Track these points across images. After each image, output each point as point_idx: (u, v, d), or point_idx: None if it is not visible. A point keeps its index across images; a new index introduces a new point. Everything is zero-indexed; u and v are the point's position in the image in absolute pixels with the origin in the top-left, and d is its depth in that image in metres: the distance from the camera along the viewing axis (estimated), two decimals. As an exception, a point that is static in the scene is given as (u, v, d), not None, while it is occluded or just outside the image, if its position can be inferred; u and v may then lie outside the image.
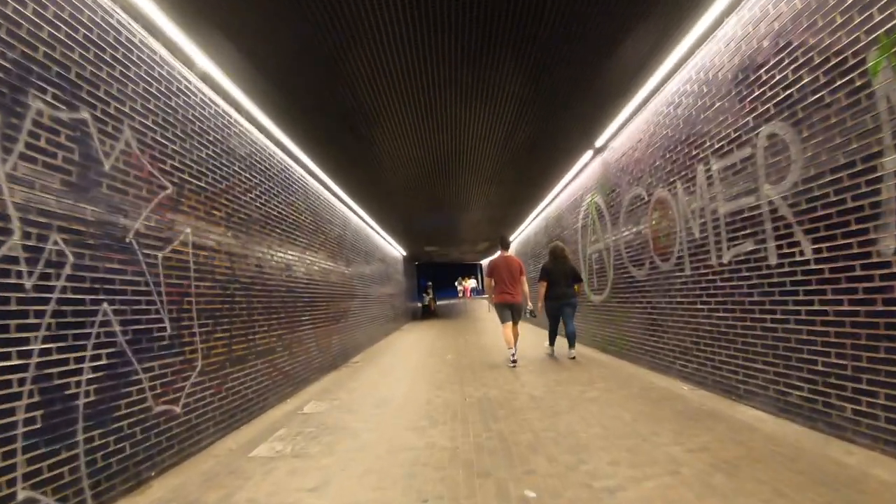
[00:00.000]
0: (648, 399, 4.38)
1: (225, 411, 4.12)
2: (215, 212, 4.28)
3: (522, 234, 15.76)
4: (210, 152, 4.26)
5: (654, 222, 5.53)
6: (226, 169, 4.56)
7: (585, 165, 7.86)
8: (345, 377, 6.75)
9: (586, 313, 8.28)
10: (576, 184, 8.57)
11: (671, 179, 5.08)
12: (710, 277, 4.42)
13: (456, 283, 42.38)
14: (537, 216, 12.64)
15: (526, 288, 7.24)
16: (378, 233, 13.86)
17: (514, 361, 6.68)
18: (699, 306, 4.64)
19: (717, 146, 4.23)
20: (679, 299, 5.02)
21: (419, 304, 21.99)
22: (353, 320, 9.26)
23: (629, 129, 6.10)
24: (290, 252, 6.11)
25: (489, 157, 7.65)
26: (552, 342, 7.74)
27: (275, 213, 5.72)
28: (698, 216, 4.59)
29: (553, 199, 10.42)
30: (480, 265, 40.91)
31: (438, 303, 38.73)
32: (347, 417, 4.44)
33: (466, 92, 5.29)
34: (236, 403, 4.34)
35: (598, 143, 6.96)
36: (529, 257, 14.46)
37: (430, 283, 22.72)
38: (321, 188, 7.80)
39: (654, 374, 5.53)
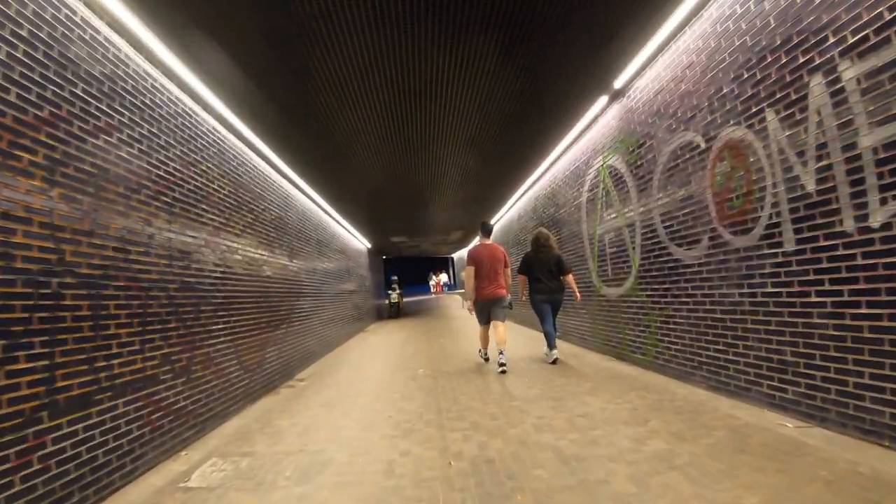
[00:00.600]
0: (760, 455, 2.70)
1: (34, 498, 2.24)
2: (21, 154, 2.41)
3: (503, 219, 14.07)
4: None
5: (717, 179, 3.88)
6: (52, 87, 2.68)
7: (595, 119, 6.17)
8: (277, 408, 4.89)
9: (594, 311, 6.62)
10: (580, 145, 6.88)
11: (754, 109, 3.45)
12: (842, 253, 2.78)
13: (429, 279, 40.94)
14: (522, 195, 10.96)
15: (510, 281, 6.37)
16: (337, 220, 11.95)
17: (500, 359, 5.71)
18: (815, 299, 3.00)
19: (853, 39, 2.63)
20: (770, 289, 3.38)
21: (386, 302, 19.25)
22: (300, 325, 7.38)
23: (669, 55, 4.44)
24: (188, 233, 4.21)
25: (467, 115, 5.99)
26: (552, 344, 6.15)
27: (159, 172, 3.82)
28: (814, 158, 2.95)
29: (545, 172, 8.73)
30: (452, 258, 39.41)
31: (409, 299, 36.97)
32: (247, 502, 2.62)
33: (438, 22, 3.53)
34: (60, 480, 2.47)
35: (618, 83, 5.29)
36: (511, 246, 12.79)
37: (395, 278, 19.97)
38: (249, 153, 5.90)
39: (722, 397, 3.89)
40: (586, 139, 6.58)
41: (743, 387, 3.74)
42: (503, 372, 5.54)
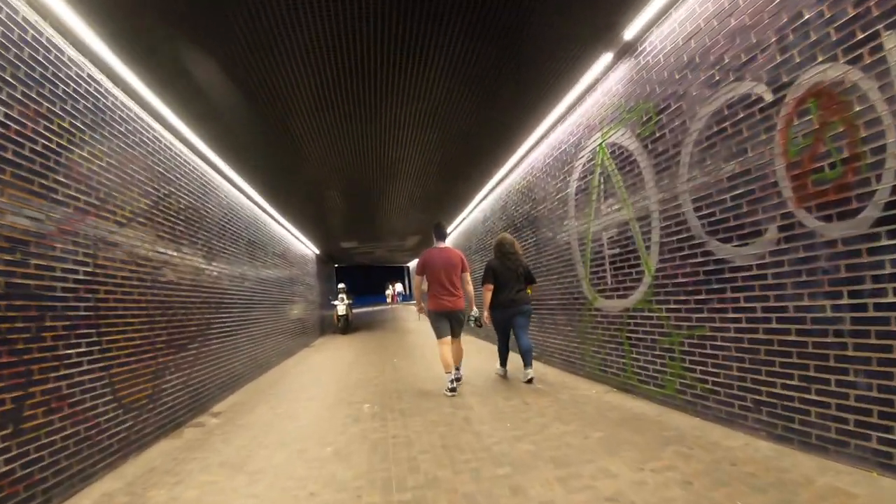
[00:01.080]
0: None
1: None
2: None
3: (466, 221, 12.81)
4: None
5: (795, 142, 2.74)
6: None
7: (592, 86, 5.01)
8: (165, 465, 3.39)
9: (585, 329, 5.41)
10: (568, 124, 5.70)
11: (860, 36, 2.40)
12: None
13: (386, 291, 40.22)
14: (489, 193, 9.73)
15: (470, 288, 5.67)
16: (277, 220, 10.36)
17: (453, 389, 5.06)
18: None
19: None
20: (893, 298, 2.23)
21: (338, 315, 15.97)
22: (220, 343, 5.82)
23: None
24: (25, 212, 2.73)
25: (426, 91, 4.80)
26: (504, 362, 5.99)
27: None
28: None
29: (520, 161, 7.52)
30: (408, 268, 38.12)
31: (360, 310, 35.30)
32: None
33: None
34: None
35: (629, 33, 4.12)
36: (474, 252, 11.56)
37: (342, 286, 16.91)
38: (147, 118, 4.37)
39: (797, 452, 2.73)
40: (578, 114, 5.39)
41: (834, 439, 2.58)
42: (452, 392, 4.98)
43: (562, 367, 6.13)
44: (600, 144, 4.91)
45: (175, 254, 4.87)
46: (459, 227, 13.71)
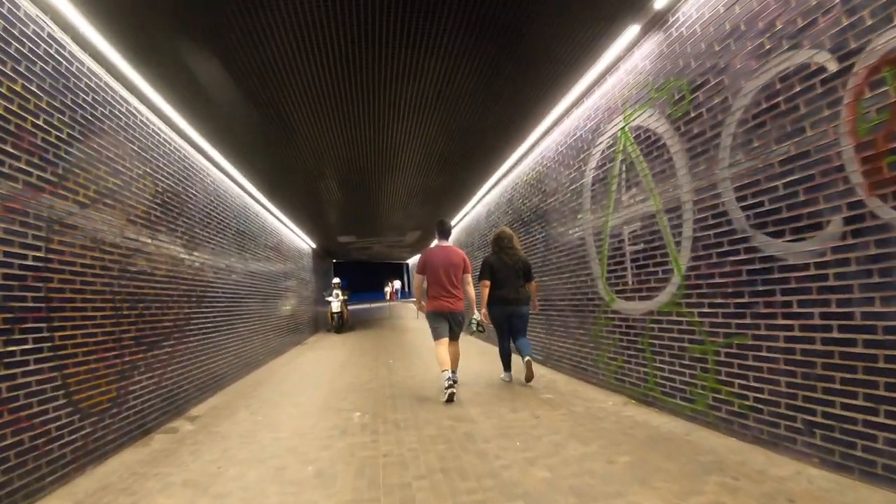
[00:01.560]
0: None
1: None
2: None
3: (468, 217, 12.40)
4: None
5: (867, 118, 2.34)
6: None
7: (614, 65, 4.59)
8: (123, 482, 2.99)
9: (600, 333, 5.01)
10: (585, 108, 5.30)
11: None
12: None
13: (385, 288, 40.15)
14: (494, 185, 9.32)
15: (471, 290, 5.42)
16: (271, 211, 9.96)
17: (451, 389, 4.72)
18: None
19: None
20: None
21: (332, 312, 14.95)
22: (200, 340, 5.41)
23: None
24: None
25: (427, 73, 4.37)
26: (507, 366, 5.70)
27: None
28: None
29: (529, 151, 7.12)
30: (407, 265, 37.76)
31: (358, 307, 34.95)
32: None
33: None
34: None
35: (659, 2, 3.73)
36: (476, 249, 11.17)
37: (337, 281, 15.69)
38: (120, 90, 3.97)
39: (859, 484, 2.33)
40: (597, 96, 4.98)
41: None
42: (450, 398, 4.69)
43: (572, 374, 5.73)
44: (622, 129, 4.50)
45: (149, 241, 4.46)
46: (461, 223, 13.31)
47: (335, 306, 14.94)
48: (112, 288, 3.78)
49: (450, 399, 4.68)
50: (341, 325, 14.97)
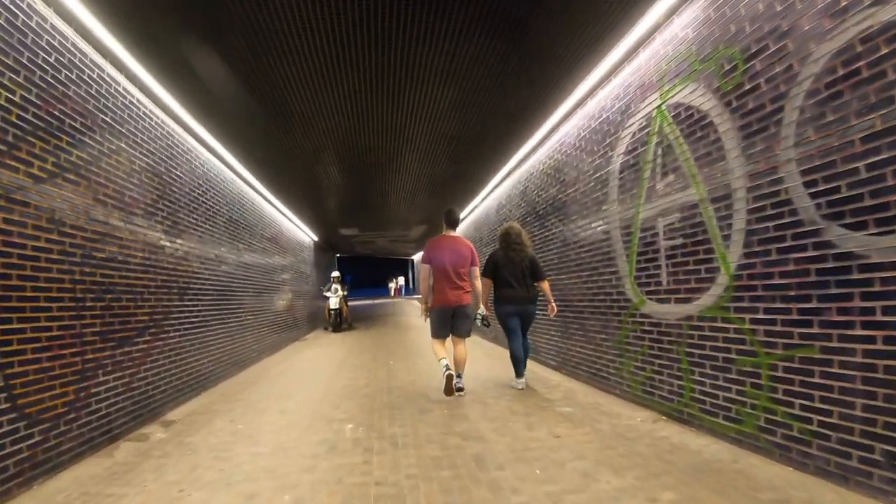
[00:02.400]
0: None
1: None
2: None
3: (478, 210, 11.96)
4: None
5: None
6: None
7: (651, 34, 4.14)
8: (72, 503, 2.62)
9: (625, 338, 4.57)
10: (613, 86, 4.86)
11: None
12: None
13: (390, 283, 39.90)
14: (506, 177, 8.88)
15: (479, 284, 5.31)
16: (268, 200, 9.58)
17: (451, 377, 4.81)
18: None
19: None
20: None
21: (330, 309, 13.77)
22: (182, 336, 5.04)
23: None
24: None
25: (437, 31, 3.89)
26: (520, 370, 5.33)
27: None
28: None
29: (546, 138, 6.69)
30: (413, 260, 37.40)
31: (361, 302, 34.65)
32: None
33: None
34: None
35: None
36: (485, 245, 10.76)
37: (337, 274, 14.21)
38: (78, 41, 3.57)
39: None
40: (627, 73, 4.54)
41: None
42: (459, 391, 4.88)
43: (590, 383, 5.31)
44: (658, 107, 4.06)
45: (122, 224, 4.08)
46: (471, 217, 12.88)
47: (333, 302, 13.81)
48: (73, 276, 3.40)
49: (451, 391, 4.76)
50: (339, 323, 13.94)
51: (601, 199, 5.06)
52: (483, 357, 7.55)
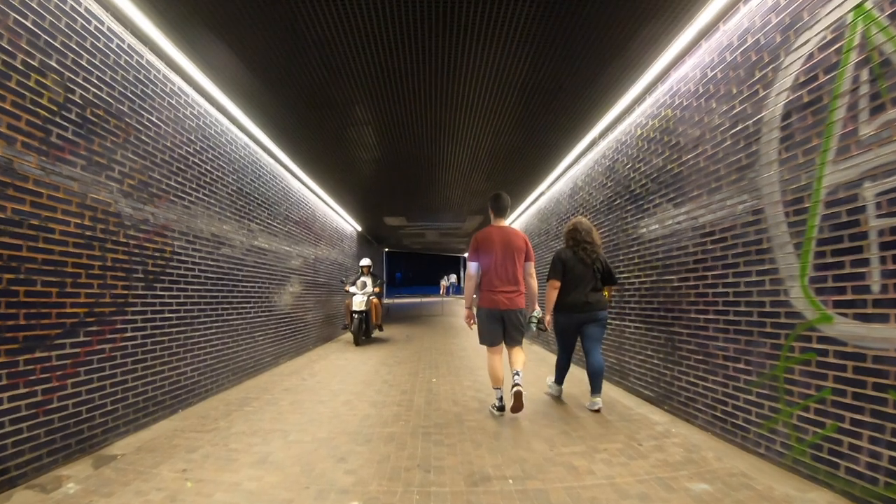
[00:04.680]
0: None
1: None
2: None
3: (545, 197, 10.55)
4: None
5: None
6: None
7: None
8: None
9: (786, 372, 3.14)
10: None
11: None
12: None
13: (441, 281, 40.10)
14: (585, 152, 7.47)
15: (534, 282, 4.84)
16: (293, 173, 8.57)
17: (501, 409, 4.47)
18: None
19: None
20: None
21: (352, 311, 10.28)
22: (151, 337, 4.01)
23: None
24: None
25: None
26: (560, 378, 5.24)
27: None
28: None
29: (646, 92, 5.28)
30: (464, 258, 36.28)
31: (406, 300, 33.85)
32: None
33: None
34: None
35: None
36: (551, 238, 9.40)
37: (365, 265, 11.11)
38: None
39: None
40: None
41: None
42: (500, 413, 4.48)
43: (713, 431, 3.91)
44: (858, 5, 2.64)
45: (39, 172, 3.03)
46: (535, 206, 11.50)
47: (358, 302, 10.23)
48: None
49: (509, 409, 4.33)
50: (366, 331, 10.52)
51: (743, 163, 3.63)
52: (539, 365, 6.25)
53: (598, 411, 4.60)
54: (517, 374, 4.38)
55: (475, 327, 4.84)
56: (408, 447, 3.67)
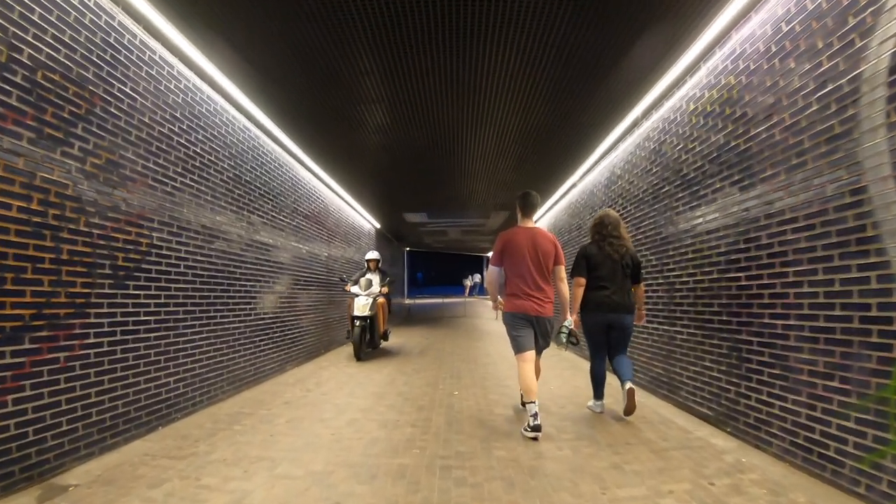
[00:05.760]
0: None
1: None
2: None
3: (575, 191, 9.95)
4: None
5: None
6: None
7: None
8: None
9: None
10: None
11: None
12: None
13: (465, 281, 39.69)
14: (625, 135, 6.87)
15: (565, 288, 4.62)
16: (303, 163, 8.10)
17: (536, 429, 4.04)
18: None
19: None
20: None
21: (353, 316, 8.35)
22: (122, 342, 3.56)
23: None
24: None
25: None
26: (600, 393, 4.87)
27: None
28: None
29: (704, 56, 4.65)
30: (487, 258, 35.75)
31: (426, 301, 33.49)
32: None
33: None
34: None
35: None
36: (584, 234, 8.80)
37: (372, 259, 9.21)
38: None
39: None
40: None
41: None
42: (535, 432, 3.99)
43: (794, 462, 3.31)
44: None
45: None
46: (564, 200, 10.89)
47: (361, 305, 8.45)
48: None
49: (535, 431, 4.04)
50: (370, 342, 8.72)
51: (836, 131, 3.01)
52: (558, 372, 5.67)
53: (631, 393, 4.34)
54: (532, 404, 4.15)
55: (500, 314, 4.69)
56: (422, 488, 3.08)
